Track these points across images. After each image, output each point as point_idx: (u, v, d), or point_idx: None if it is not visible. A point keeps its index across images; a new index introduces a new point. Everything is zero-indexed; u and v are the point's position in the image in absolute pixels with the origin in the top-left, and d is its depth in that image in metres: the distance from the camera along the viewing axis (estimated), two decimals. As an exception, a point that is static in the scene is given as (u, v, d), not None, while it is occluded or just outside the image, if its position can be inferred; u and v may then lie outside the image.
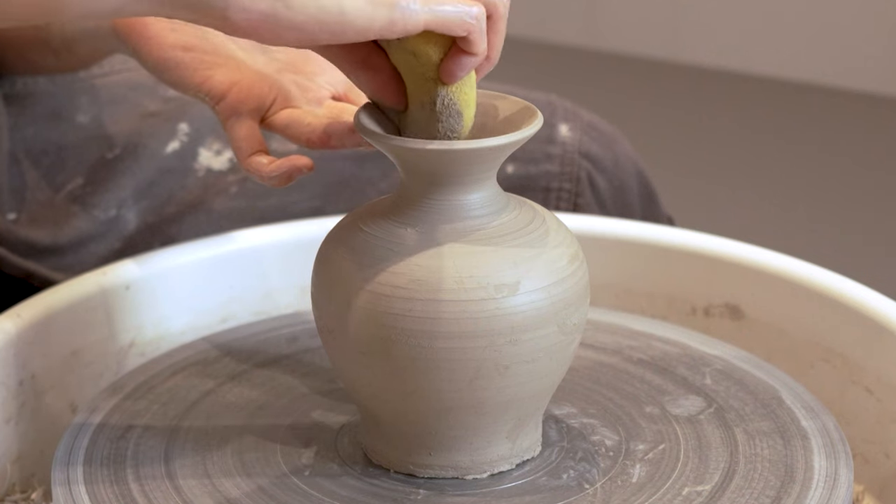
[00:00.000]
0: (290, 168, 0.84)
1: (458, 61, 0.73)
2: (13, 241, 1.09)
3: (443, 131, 0.76)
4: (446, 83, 0.74)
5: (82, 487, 0.79)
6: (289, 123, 0.87)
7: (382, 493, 0.78)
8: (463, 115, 0.76)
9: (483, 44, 0.73)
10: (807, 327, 1.00)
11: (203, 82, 0.88)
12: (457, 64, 0.73)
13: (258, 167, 0.85)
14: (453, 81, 0.74)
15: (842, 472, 0.81)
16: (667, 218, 1.24)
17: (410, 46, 0.73)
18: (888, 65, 3.12)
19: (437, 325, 0.74)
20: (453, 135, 0.76)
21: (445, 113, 0.75)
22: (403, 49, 0.74)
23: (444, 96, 0.75)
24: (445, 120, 0.75)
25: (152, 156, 1.13)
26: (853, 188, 2.68)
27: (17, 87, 1.12)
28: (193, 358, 0.93)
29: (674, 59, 3.33)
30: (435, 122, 0.75)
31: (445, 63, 0.73)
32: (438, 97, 0.75)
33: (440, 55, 0.73)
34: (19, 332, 0.92)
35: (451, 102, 0.75)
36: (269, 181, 0.85)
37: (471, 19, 0.71)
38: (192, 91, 0.89)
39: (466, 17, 0.71)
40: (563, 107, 1.21)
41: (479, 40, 0.73)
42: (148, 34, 0.89)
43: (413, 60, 0.74)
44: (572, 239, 0.79)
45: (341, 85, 0.91)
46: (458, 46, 0.73)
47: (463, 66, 0.73)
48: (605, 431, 0.84)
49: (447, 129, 0.76)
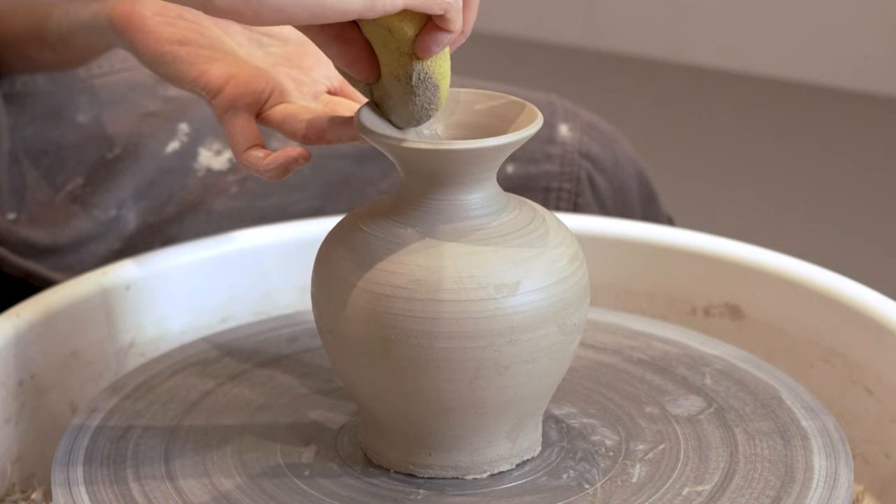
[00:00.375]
0: (286, 160, 0.84)
1: (434, 37, 0.74)
2: (13, 240, 1.09)
3: (419, 104, 0.76)
4: (422, 58, 0.74)
5: (82, 488, 0.79)
6: (284, 119, 0.87)
7: (382, 493, 0.78)
8: (439, 87, 0.76)
9: (459, 21, 0.73)
10: (807, 327, 1.00)
11: (199, 76, 0.88)
12: (433, 40, 0.74)
13: (254, 161, 0.85)
14: (429, 56, 0.74)
15: (842, 472, 0.81)
16: (667, 218, 1.24)
17: (385, 22, 0.73)
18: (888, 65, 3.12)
19: (437, 325, 0.74)
20: (430, 106, 0.76)
21: (422, 87, 0.75)
22: (378, 24, 0.74)
23: (420, 70, 0.75)
24: (422, 93, 0.75)
25: (152, 156, 1.13)
26: (853, 188, 2.68)
27: (16, 86, 1.12)
28: (193, 358, 0.93)
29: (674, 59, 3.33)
30: (411, 94, 0.76)
31: (421, 39, 0.74)
32: (414, 71, 0.75)
33: (415, 31, 0.74)
34: (19, 332, 0.92)
35: (426, 76, 0.75)
36: (265, 175, 0.85)
37: None
38: (188, 85, 0.89)
39: None
40: (563, 107, 1.21)
41: (456, 18, 0.73)
42: (144, 28, 0.89)
43: (388, 35, 0.74)
44: (572, 239, 0.79)
45: (337, 79, 0.91)
46: (433, 23, 0.73)
47: (439, 41, 0.74)
48: (605, 431, 0.84)
49: (424, 101, 0.76)
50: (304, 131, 0.86)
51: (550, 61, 3.33)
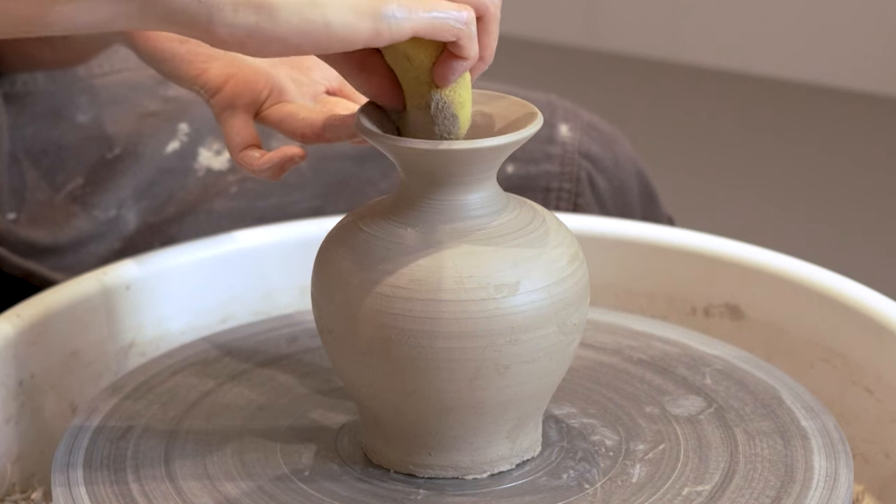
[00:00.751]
0: (281, 159, 0.84)
1: (450, 65, 0.73)
2: (13, 240, 1.09)
3: (439, 133, 0.76)
4: (439, 86, 0.74)
5: (83, 489, 0.79)
6: (283, 118, 0.87)
7: (382, 493, 0.78)
8: (458, 116, 0.75)
9: (473, 48, 0.72)
10: (807, 327, 0.99)
11: (199, 75, 0.88)
12: (448, 68, 0.73)
13: (250, 161, 0.85)
14: (446, 85, 0.74)
15: (842, 472, 0.81)
16: (667, 218, 1.24)
17: (403, 50, 0.73)
18: (888, 65, 3.12)
19: (437, 325, 0.74)
20: (450, 136, 0.76)
21: (440, 116, 0.75)
22: (397, 52, 0.74)
23: (439, 99, 0.75)
24: (441, 122, 0.75)
25: (152, 156, 1.13)
26: (853, 188, 2.68)
27: (16, 86, 1.12)
28: (193, 358, 0.93)
29: (674, 59, 3.33)
30: (431, 124, 0.75)
31: (437, 67, 0.73)
32: (433, 100, 0.75)
33: (432, 59, 0.73)
34: (19, 332, 0.92)
35: (444, 106, 0.75)
36: (261, 174, 0.85)
37: (459, 24, 0.71)
38: (187, 83, 0.89)
39: (454, 22, 0.71)
40: (563, 107, 1.21)
41: (470, 45, 0.72)
42: None
43: (406, 64, 0.74)
44: (572, 239, 0.79)
45: (336, 79, 0.91)
46: (448, 51, 0.73)
47: (454, 70, 0.73)
48: (605, 431, 0.84)
49: (443, 131, 0.76)
50: (303, 130, 0.86)
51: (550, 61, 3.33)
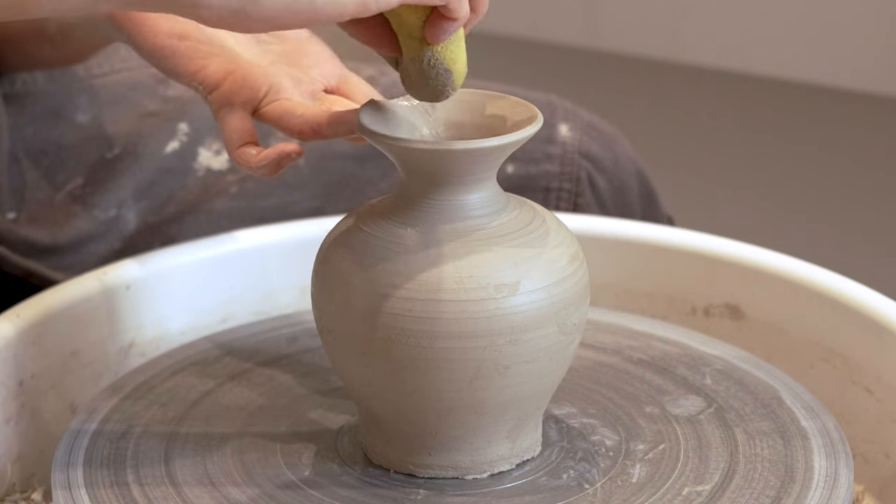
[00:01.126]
0: (277, 155, 0.84)
1: (440, 25, 0.73)
2: (13, 240, 1.09)
3: (433, 86, 0.76)
4: (431, 44, 0.75)
5: (83, 490, 0.79)
6: (281, 115, 0.87)
7: (382, 493, 0.78)
8: (451, 71, 0.76)
9: (463, 8, 0.73)
10: (807, 327, 0.99)
11: (197, 71, 0.88)
12: (439, 28, 0.74)
13: (246, 157, 0.85)
14: (437, 43, 0.74)
15: (842, 472, 0.81)
16: (667, 218, 1.24)
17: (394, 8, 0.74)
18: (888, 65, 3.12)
19: (437, 325, 0.74)
20: (445, 88, 0.76)
21: (433, 71, 0.76)
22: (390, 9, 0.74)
23: (430, 56, 0.75)
24: (435, 77, 0.76)
25: (152, 156, 1.13)
26: (853, 188, 2.68)
27: (16, 86, 1.12)
28: (193, 358, 0.93)
29: (674, 59, 3.33)
30: (426, 77, 0.76)
31: (428, 27, 0.74)
32: (425, 56, 0.75)
33: (422, 18, 0.74)
34: (19, 332, 0.92)
35: (436, 62, 0.75)
36: (258, 171, 0.85)
37: None
38: (185, 80, 0.89)
39: None
40: (563, 107, 1.21)
41: (459, 6, 0.73)
42: (143, 21, 0.89)
43: (399, 20, 0.75)
44: (572, 239, 0.79)
45: (334, 78, 0.91)
46: (438, 11, 0.73)
47: (445, 29, 0.74)
48: (605, 431, 0.84)
49: (438, 84, 0.76)
50: (301, 127, 0.86)
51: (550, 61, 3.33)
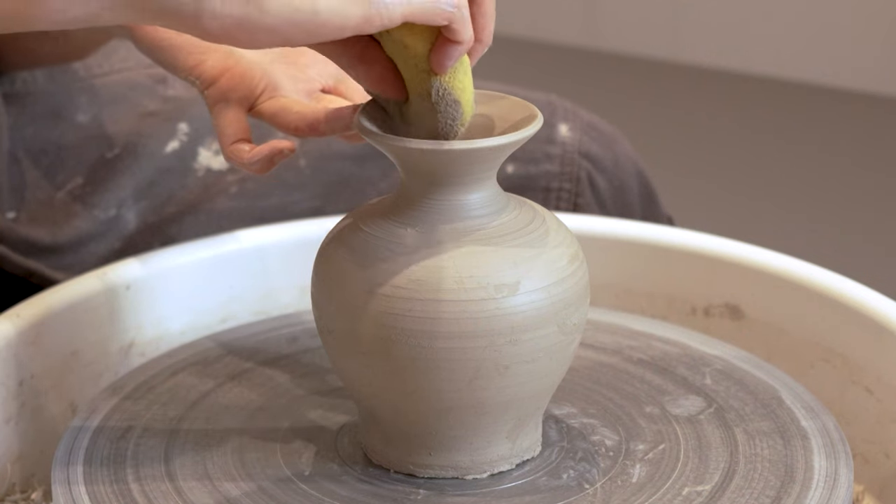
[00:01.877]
0: (270, 152, 0.84)
1: (445, 51, 0.73)
2: (13, 239, 1.09)
3: (443, 120, 0.75)
4: (437, 73, 0.74)
5: (82, 487, 0.79)
6: (277, 112, 0.87)
7: (382, 493, 0.78)
8: (460, 102, 0.75)
9: (468, 31, 0.72)
10: (807, 327, 0.99)
11: (195, 66, 0.88)
12: (444, 54, 0.73)
13: (239, 154, 0.85)
14: (444, 71, 0.74)
15: (842, 472, 0.81)
16: (667, 218, 1.24)
17: (399, 38, 0.73)
18: (888, 65, 3.12)
19: (437, 325, 0.74)
20: (454, 123, 0.76)
21: (442, 103, 0.75)
22: (394, 41, 0.74)
23: (439, 87, 0.74)
24: (444, 109, 0.75)
25: (152, 155, 1.13)
26: (853, 188, 2.68)
27: (16, 85, 1.12)
28: (193, 358, 0.93)
29: (674, 59, 3.33)
30: (434, 111, 0.75)
31: (433, 54, 0.73)
32: (433, 88, 0.74)
33: (428, 46, 0.73)
34: (19, 332, 0.92)
35: (445, 93, 0.75)
36: (250, 168, 0.85)
37: (449, 7, 0.71)
38: (183, 74, 0.89)
39: (444, 5, 0.70)
40: (563, 107, 1.21)
41: (463, 28, 0.72)
42: None
43: (404, 52, 0.74)
44: (572, 239, 0.79)
45: (332, 77, 0.91)
46: (443, 36, 0.73)
47: (450, 55, 0.73)
48: (605, 431, 0.84)
49: (446, 118, 0.75)
50: (297, 124, 0.86)
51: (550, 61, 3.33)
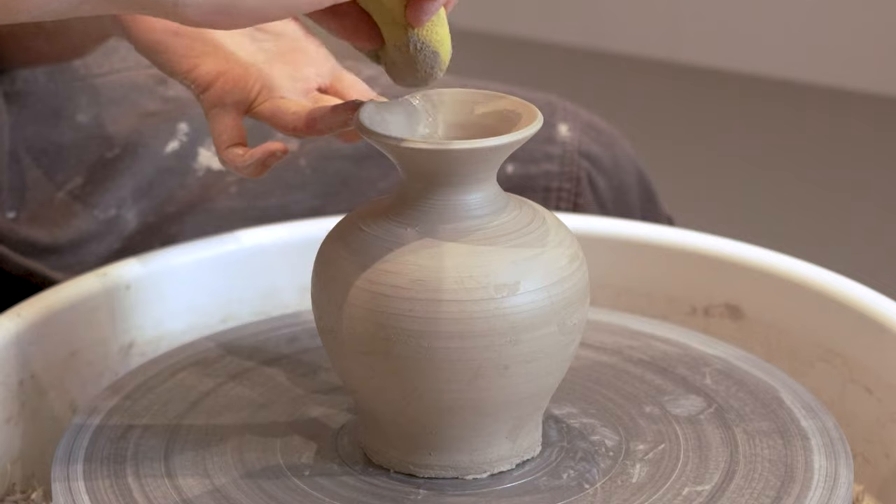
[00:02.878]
0: (263, 155, 0.84)
1: (421, 6, 0.73)
2: (13, 239, 1.09)
3: (421, 69, 0.76)
4: (414, 27, 0.74)
5: (82, 485, 0.79)
6: (274, 112, 0.87)
7: (382, 493, 0.78)
8: (439, 53, 0.76)
9: None
10: (807, 327, 0.99)
11: (191, 70, 0.88)
12: (420, 9, 0.73)
13: (233, 158, 0.85)
14: (420, 25, 0.74)
15: (842, 472, 0.81)
16: (667, 218, 1.24)
17: None
18: (888, 65, 3.12)
19: (437, 325, 0.74)
20: (433, 70, 0.76)
21: (420, 55, 0.76)
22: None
23: (416, 40, 0.75)
24: (422, 60, 0.76)
25: (152, 156, 1.13)
26: (853, 188, 2.68)
27: (17, 85, 1.12)
28: (193, 358, 0.93)
29: (674, 59, 3.33)
30: (413, 63, 0.76)
31: (409, 9, 0.74)
32: (410, 42, 0.75)
33: (403, 2, 0.74)
34: (19, 331, 0.92)
35: (423, 45, 0.75)
36: (244, 171, 0.85)
37: None
38: (178, 76, 0.89)
39: None
40: (563, 107, 1.21)
41: None
42: (139, 16, 0.89)
43: (380, 7, 0.75)
44: (572, 239, 0.79)
45: (328, 77, 0.91)
46: None
47: (426, 10, 0.74)
48: (605, 431, 0.84)
49: (426, 67, 0.76)
50: (294, 124, 0.86)
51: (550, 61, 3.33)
